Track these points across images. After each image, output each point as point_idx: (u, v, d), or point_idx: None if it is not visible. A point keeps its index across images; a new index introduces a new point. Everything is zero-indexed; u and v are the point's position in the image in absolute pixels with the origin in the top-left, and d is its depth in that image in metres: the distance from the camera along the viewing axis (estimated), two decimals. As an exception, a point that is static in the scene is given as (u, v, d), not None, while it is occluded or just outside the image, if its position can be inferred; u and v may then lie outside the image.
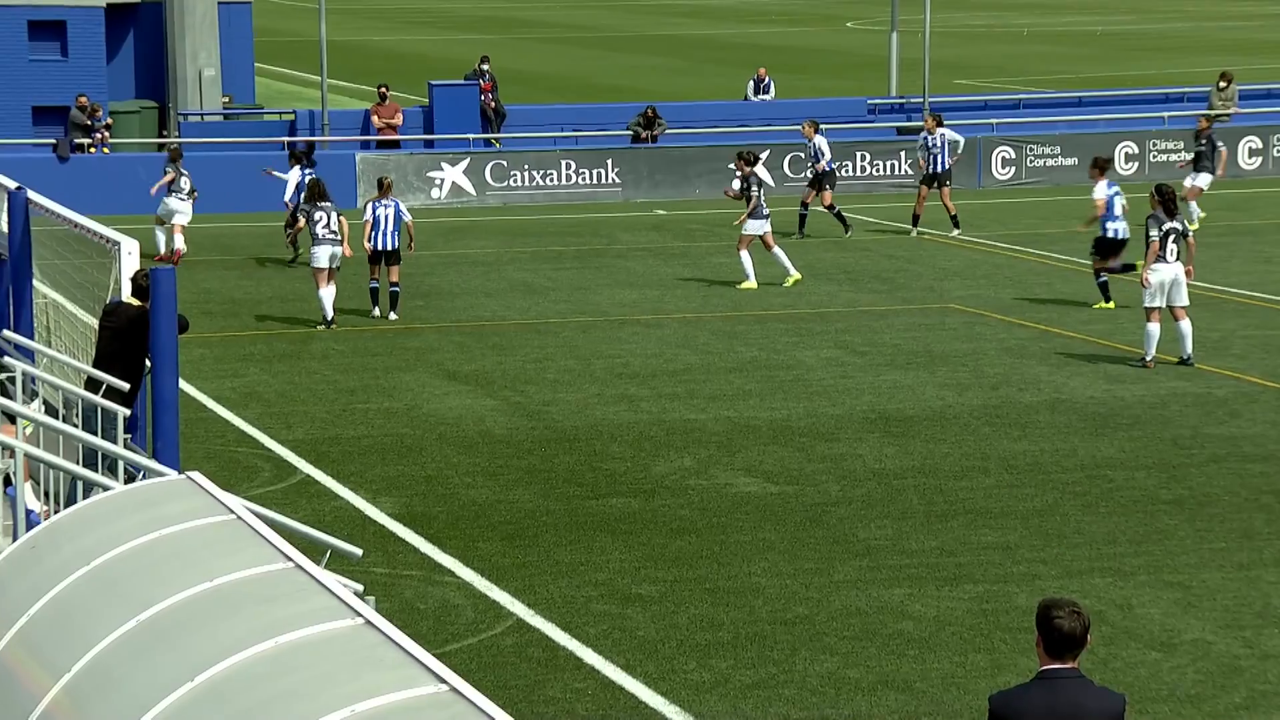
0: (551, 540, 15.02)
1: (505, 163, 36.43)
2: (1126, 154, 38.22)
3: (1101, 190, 24.62)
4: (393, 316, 24.35)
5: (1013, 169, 37.43)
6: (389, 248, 24.14)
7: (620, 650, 12.53)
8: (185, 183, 29.52)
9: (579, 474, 17.00)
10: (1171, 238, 20.51)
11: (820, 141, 31.54)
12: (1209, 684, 11.81)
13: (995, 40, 76.89)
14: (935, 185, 31.20)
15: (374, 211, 24.28)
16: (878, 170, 37.31)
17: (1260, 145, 38.67)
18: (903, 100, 42.00)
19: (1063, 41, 75.87)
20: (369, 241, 24.03)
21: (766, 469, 17.05)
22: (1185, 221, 20.61)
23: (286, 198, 29.26)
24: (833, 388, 20.27)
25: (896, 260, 28.25)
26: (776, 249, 26.49)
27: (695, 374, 21.08)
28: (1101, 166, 25.22)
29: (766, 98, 44.03)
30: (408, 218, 24.50)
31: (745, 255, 26.32)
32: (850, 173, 36.73)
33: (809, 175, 32.22)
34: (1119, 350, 21.80)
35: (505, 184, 36.09)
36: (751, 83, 44.77)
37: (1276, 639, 12.52)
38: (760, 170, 27.04)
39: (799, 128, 38.96)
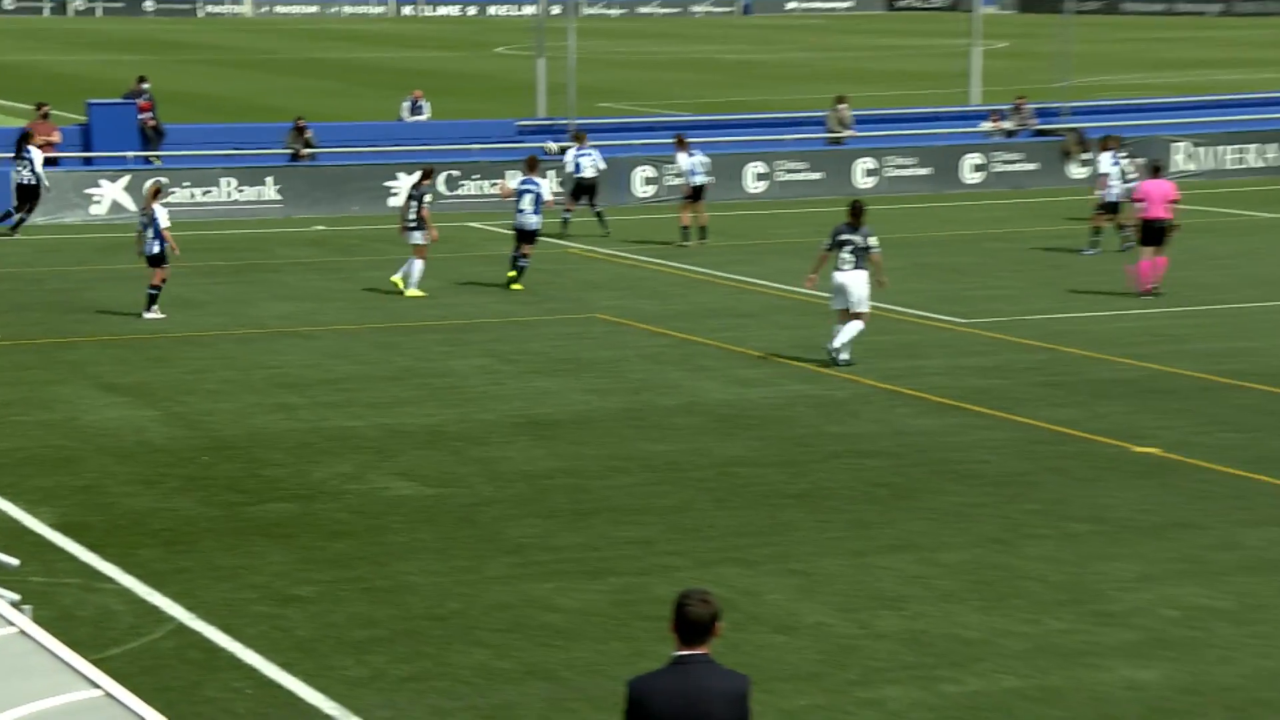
0: (211, 545, 14.75)
1: (166, 179, 35.48)
2: (757, 174, 39.16)
3: (514, 183, 28.52)
4: (146, 316, 24.56)
5: (654, 187, 38.02)
6: (149, 253, 24.61)
7: (279, 649, 12.37)
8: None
9: (239, 481, 16.72)
10: (847, 249, 21.14)
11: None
12: (827, 662, 12.17)
13: (635, 67, 78.01)
14: (694, 199, 32.07)
15: (140, 220, 25.08)
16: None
17: (875, 165, 40.00)
18: (550, 122, 42.30)
19: (697, 69, 77.35)
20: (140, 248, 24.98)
21: (421, 472, 17.00)
22: (868, 236, 21.18)
23: None
24: (484, 394, 20.32)
25: (545, 273, 28.43)
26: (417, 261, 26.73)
27: (352, 383, 20.91)
28: (531, 164, 28.65)
29: (421, 118, 43.90)
30: (165, 224, 24.66)
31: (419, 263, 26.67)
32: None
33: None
34: (748, 355, 22.31)
35: (165, 200, 35.19)
36: (406, 104, 44.59)
37: (887, 620, 12.95)
38: (424, 186, 27.28)
39: (454, 147, 39.19)
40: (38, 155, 33.21)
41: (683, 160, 32.48)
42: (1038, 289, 27.28)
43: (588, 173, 33.20)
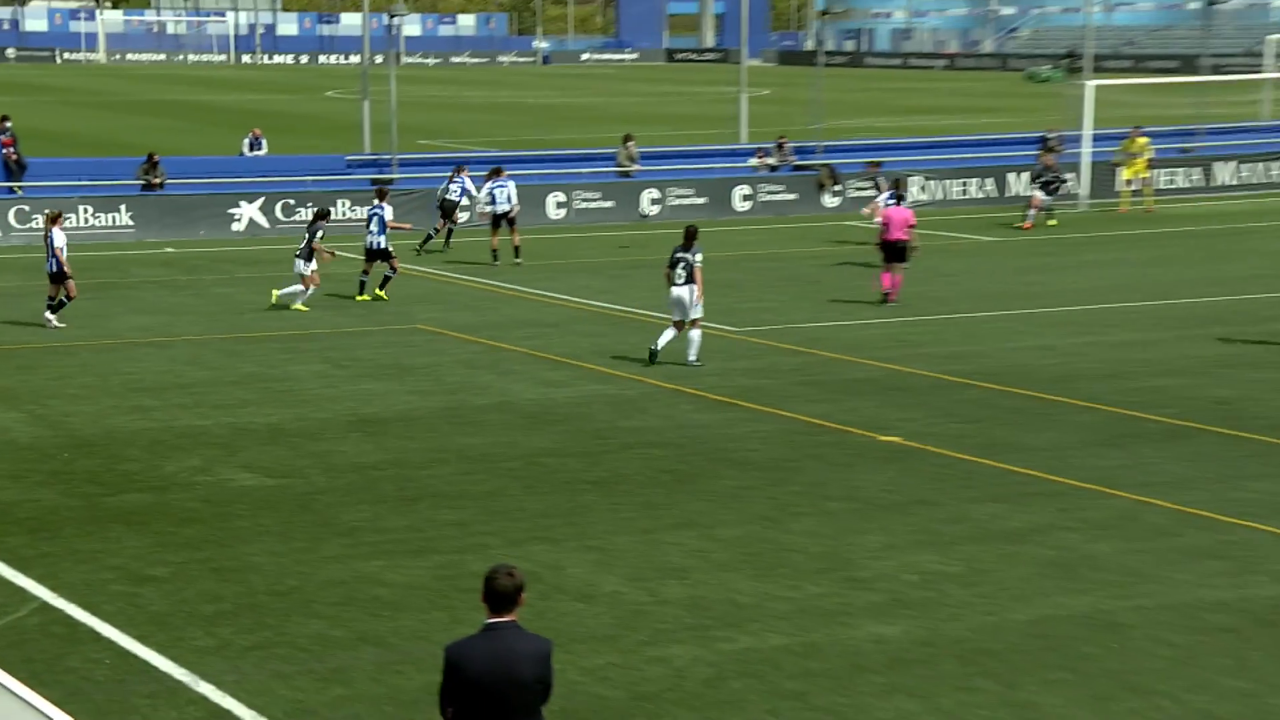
0: (72, 532, 14.33)
1: (28, 208, 34.58)
2: (557, 202, 39.14)
3: (365, 212, 28.52)
4: (52, 319, 24.36)
5: (466, 214, 37.79)
6: (49, 271, 24.27)
7: (135, 623, 12.06)
8: None
9: (98, 475, 16.27)
10: (680, 265, 21.32)
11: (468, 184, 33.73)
12: (621, 626, 12.18)
13: (450, 109, 77.56)
14: (505, 224, 31.97)
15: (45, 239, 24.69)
16: (357, 213, 37.09)
17: (659, 195, 40.22)
18: (375, 156, 41.88)
19: (504, 111, 77.14)
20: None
21: (263, 465, 16.71)
22: (695, 256, 21.35)
23: None
24: (319, 396, 20.04)
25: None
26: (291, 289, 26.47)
27: (202, 387, 20.48)
28: (380, 194, 28.20)
29: (260, 153, 43.18)
30: (58, 244, 24.22)
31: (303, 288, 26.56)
32: (336, 216, 36.46)
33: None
34: (551, 359, 22.28)
35: (28, 226, 34.22)
36: (247, 140, 43.82)
37: (672, 588, 13.01)
38: (318, 225, 26.99)
39: (289, 178, 38.59)
40: None
41: (483, 191, 32.60)
42: (798, 302, 27.64)
43: (452, 196, 33.66)
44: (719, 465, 16.80)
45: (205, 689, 10.96)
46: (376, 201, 28.08)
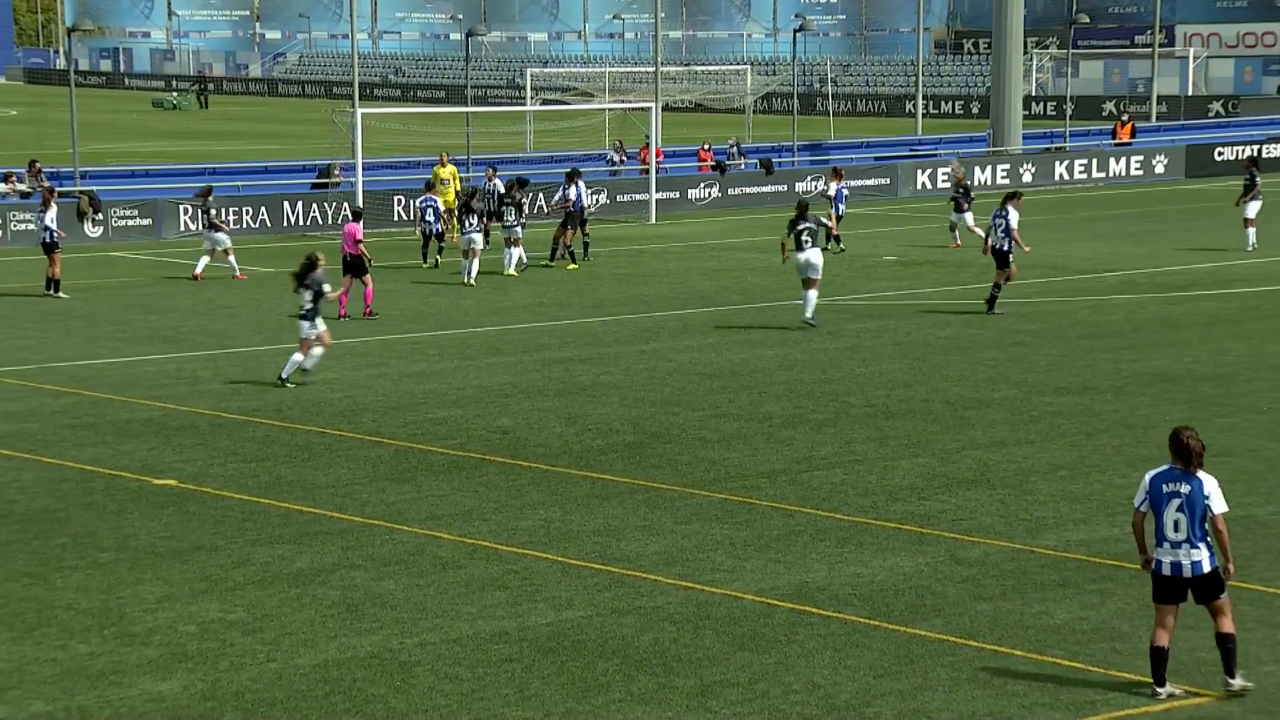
0: None
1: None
2: None
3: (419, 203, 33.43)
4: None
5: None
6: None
7: None
8: None
9: None
10: (806, 232, 26.43)
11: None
12: None
13: None
14: None
15: None
16: None
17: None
18: None
19: None
20: None
21: None
22: (814, 223, 26.68)
23: None
24: None
25: None
26: None
27: None
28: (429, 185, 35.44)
29: None
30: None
31: None
32: None
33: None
34: None
35: None
36: None
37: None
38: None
39: None
40: None
41: None
42: (64, 338, 26.57)
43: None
44: (-29, 520, 15.84)
45: None
46: (428, 195, 35.16)
